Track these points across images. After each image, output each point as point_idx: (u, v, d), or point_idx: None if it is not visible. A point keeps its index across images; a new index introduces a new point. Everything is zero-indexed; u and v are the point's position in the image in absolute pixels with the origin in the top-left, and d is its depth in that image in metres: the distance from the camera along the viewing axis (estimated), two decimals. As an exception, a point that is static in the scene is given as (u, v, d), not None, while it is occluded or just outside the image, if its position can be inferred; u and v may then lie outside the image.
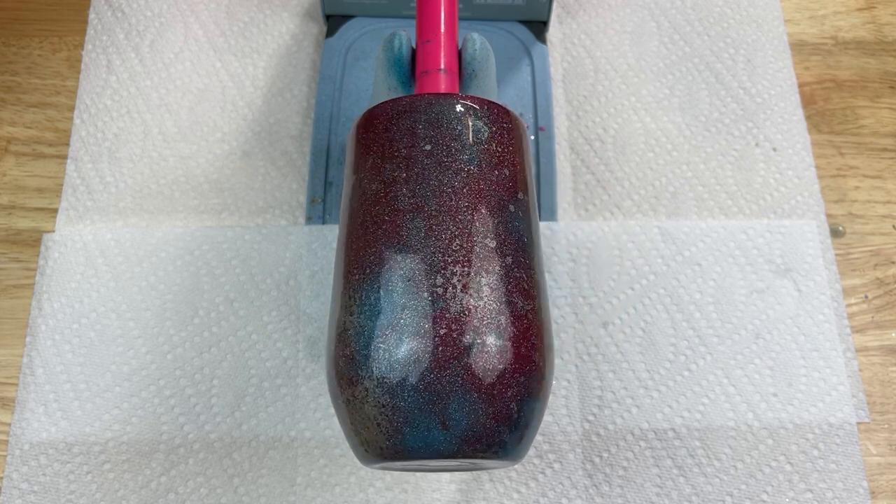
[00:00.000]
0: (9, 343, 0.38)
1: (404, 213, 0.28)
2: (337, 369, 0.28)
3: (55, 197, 0.41)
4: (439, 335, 0.26)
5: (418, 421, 0.26)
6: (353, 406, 0.27)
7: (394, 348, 0.27)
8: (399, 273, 0.27)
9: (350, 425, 0.28)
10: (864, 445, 0.36)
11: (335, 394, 0.28)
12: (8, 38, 0.45)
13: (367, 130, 0.31)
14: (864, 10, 0.47)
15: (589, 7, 0.46)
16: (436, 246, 0.27)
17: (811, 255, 0.40)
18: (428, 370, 0.26)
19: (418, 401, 0.26)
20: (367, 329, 0.27)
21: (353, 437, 0.28)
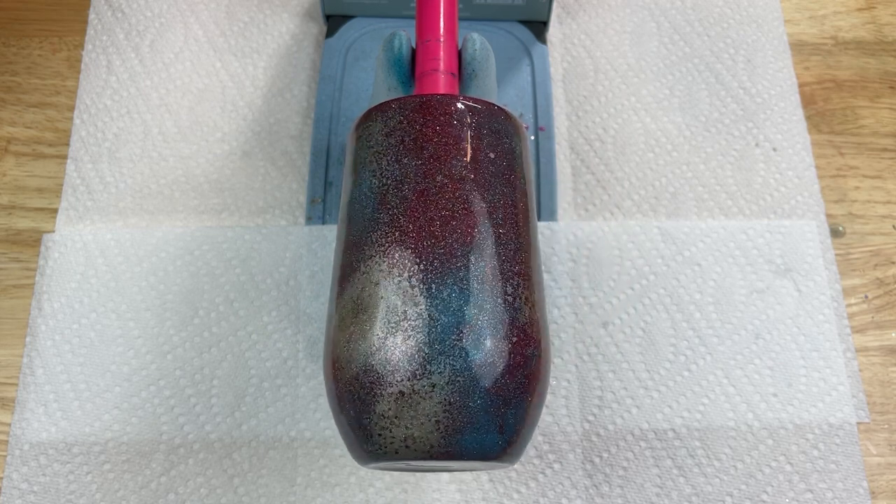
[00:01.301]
0: (9, 343, 0.38)
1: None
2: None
3: (55, 197, 0.41)
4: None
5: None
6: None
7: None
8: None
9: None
10: (864, 446, 0.36)
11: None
12: (8, 38, 0.45)
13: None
14: (864, 11, 0.47)
15: (589, 7, 0.46)
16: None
17: (811, 255, 0.40)
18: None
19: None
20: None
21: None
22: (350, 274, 0.29)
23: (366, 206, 0.29)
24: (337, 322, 0.29)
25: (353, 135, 0.32)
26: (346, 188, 0.31)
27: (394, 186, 0.29)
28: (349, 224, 0.30)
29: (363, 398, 0.27)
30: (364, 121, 0.31)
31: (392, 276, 0.28)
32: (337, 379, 0.28)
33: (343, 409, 0.28)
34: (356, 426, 0.27)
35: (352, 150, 0.31)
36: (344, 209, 0.31)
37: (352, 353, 0.27)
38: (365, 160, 0.30)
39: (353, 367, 0.27)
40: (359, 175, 0.30)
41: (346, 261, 0.29)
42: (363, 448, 0.28)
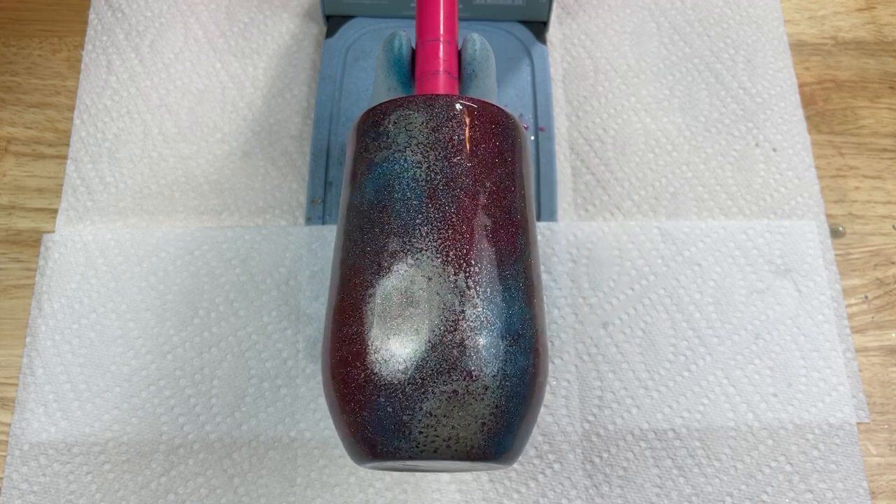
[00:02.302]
0: (9, 343, 0.38)
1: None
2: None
3: (55, 197, 0.41)
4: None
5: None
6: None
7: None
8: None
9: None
10: (864, 446, 0.36)
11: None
12: (8, 38, 0.45)
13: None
14: (864, 11, 0.47)
15: (589, 7, 0.46)
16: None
17: (811, 255, 0.40)
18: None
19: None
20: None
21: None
22: (392, 264, 0.28)
23: (410, 197, 0.29)
24: (372, 311, 0.27)
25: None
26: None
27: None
28: (386, 211, 0.29)
29: (409, 394, 0.26)
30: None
31: (447, 273, 0.27)
32: (367, 370, 0.27)
33: (369, 402, 0.27)
34: (387, 422, 0.26)
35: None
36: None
37: (400, 346, 0.27)
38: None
39: (399, 361, 0.26)
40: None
41: (386, 249, 0.28)
42: (392, 445, 0.26)
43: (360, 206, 0.29)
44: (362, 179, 0.30)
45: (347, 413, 0.27)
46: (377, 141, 0.30)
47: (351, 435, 0.28)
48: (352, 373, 0.27)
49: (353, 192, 0.30)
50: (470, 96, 0.31)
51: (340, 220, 0.31)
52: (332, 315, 0.29)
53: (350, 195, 0.30)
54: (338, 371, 0.28)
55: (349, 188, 0.31)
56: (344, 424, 0.28)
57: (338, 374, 0.28)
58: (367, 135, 0.31)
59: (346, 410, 0.27)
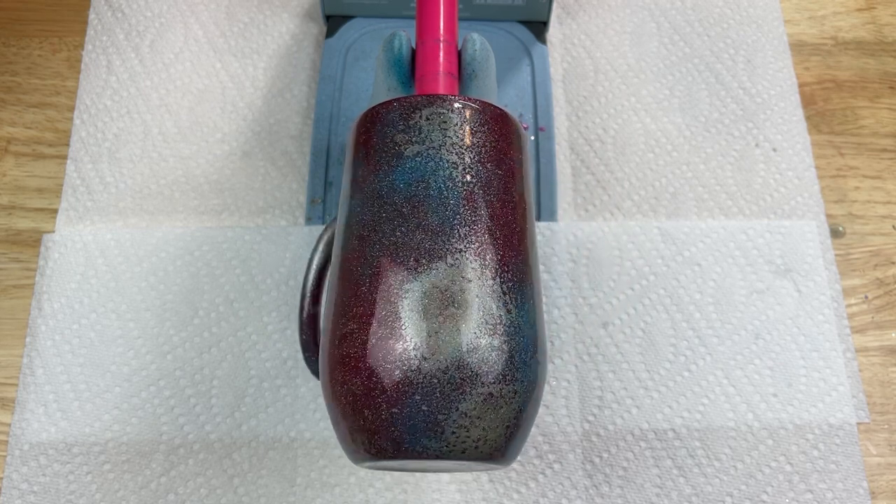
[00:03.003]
0: (9, 343, 0.38)
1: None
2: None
3: (55, 197, 0.41)
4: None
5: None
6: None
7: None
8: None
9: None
10: (864, 446, 0.36)
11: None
12: (8, 38, 0.45)
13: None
14: (864, 11, 0.47)
15: (589, 7, 0.46)
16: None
17: (811, 255, 0.40)
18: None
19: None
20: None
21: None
22: (431, 262, 0.28)
23: (447, 196, 0.28)
24: (411, 307, 0.27)
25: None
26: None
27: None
28: (421, 207, 0.28)
29: (447, 393, 0.26)
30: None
31: (485, 277, 0.28)
32: (404, 367, 0.26)
33: (402, 400, 0.26)
34: (419, 420, 0.26)
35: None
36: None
37: (440, 345, 0.26)
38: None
39: (440, 360, 0.26)
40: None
41: (423, 245, 0.28)
42: (420, 444, 0.26)
43: (389, 197, 0.29)
44: (389, 169, 0.29)
45: (371, 409, 0.27)
46: (407, 134, 0.29)
47: (369, 432, 0.27)
48: (386, 368, 0.26)
49: (376, 180, 0.29)
50: (490, 101, 0.31)
51: (359, 206, 0.30)
52: (358, 305, 0.28)
53: (374, 182, 0.29)
54: (365, 365, 0.27)
55: (372, 174, 0.29)
56: (362, 420, 0.27)
57: (365, 368, 0.27)
58: (393, 125, 0.30)
59: (371, 406, 0.27)
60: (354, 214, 0.29)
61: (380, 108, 0.30)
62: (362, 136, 0.31)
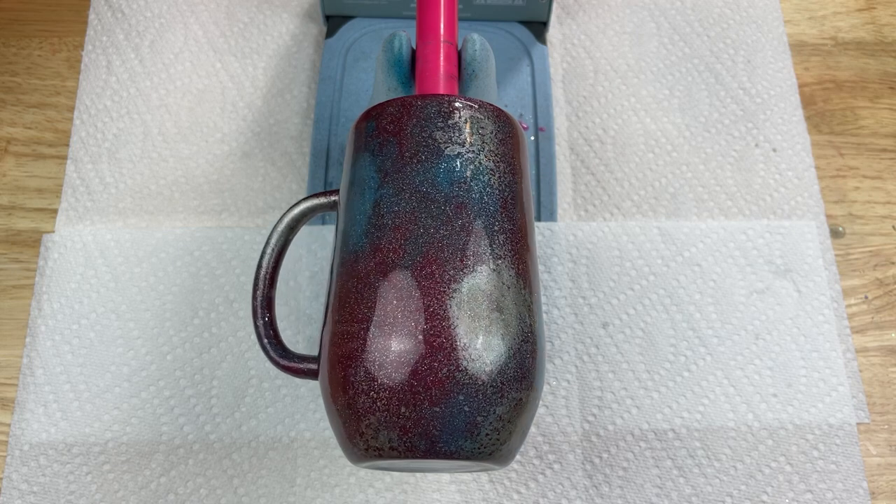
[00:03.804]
0: (8, 344, 0.38)
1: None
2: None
3: (55, 197, 0.41)
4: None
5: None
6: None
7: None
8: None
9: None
10: (864, 446, 0.36)
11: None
12: (8, 38, 0.45)
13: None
14: (864, 11, 0.47)
15: (589, 8, 0.46)
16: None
17: (811, 255, 0.40)
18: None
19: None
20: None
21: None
22: (476, 265, 0.28)
23: (487, 202, 0.29)
24: (459, 307, 0.27)
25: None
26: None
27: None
28: (465, 210, 0.28)
29: (489, 396, 0.27)
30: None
31: (519, 286, 0.29)
32: (452, 366, 0.26)
33: (445, 399, 0.26)
34: (458, 421, 0.26)
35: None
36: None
37: (486, 348, 0.27)
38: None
39: (486, 363, 0.27)
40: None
41: (468, 247, 0.28)
42: (455, 444, 0.26)
43: (431, 194, 0.28)
44: (430, 165, 0.29)
45: (411, 406, 0.26)
46: (447, 132, 0.29)
47: (401, 429, 0.26)
48: (435, 366, 0.26)
49: (414, 174, 0.29)
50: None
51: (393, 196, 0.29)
52: (400, 298, 0.27)
53: (411, 175, 0.29)
54: (409, 360, 0.26)
55: (408, 166, 0.29)
56: (397, 417, 0.26)
57: (408, 363, 0.26)
58: (431, 121, 0.29)
59: (411, 403, 0.26)
60: (387, 204, 0.28)
61: (413, 101, 0.30)
62: (390, 126, 0.30)
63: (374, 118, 0.30)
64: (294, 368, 0.30)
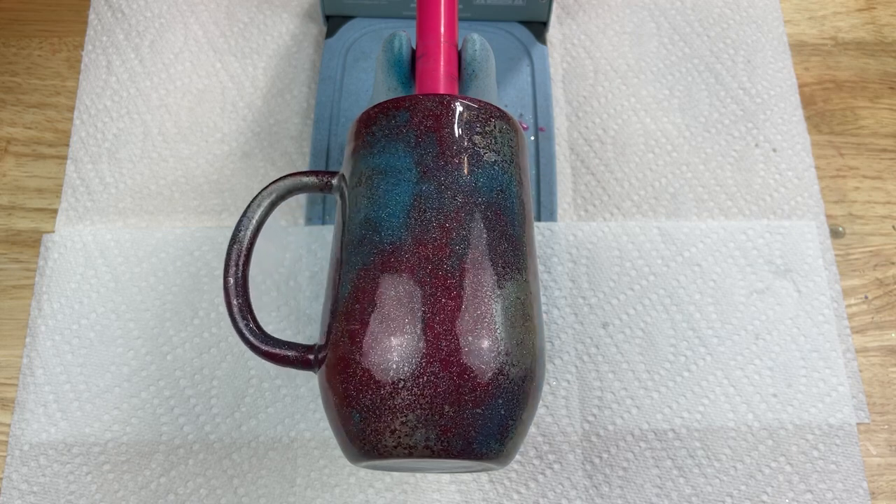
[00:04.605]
0: (8, 344, 0.38)
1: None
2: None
3: (55, 197, 0.41)
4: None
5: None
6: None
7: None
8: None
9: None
10: (864, 446, 0.36)
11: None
12: (8, 38, 0.45)
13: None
14: (864, 11, 0.47)
15: (589, 8, 0.46)
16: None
17: (811, 255, 0.40)
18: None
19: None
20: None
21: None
22: (513, 272, 0.28)
23: (512, 206, 0.29)
24: (501, 311, 0.27)
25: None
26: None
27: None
28: (498, 216, 0.28)
29: (520, 401, 0.28)
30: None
31: (538, 292, 0.30)
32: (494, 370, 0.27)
33: (487, 400, 0.26)
34: (494, 423, 0.27)
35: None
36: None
37: (523, 353, 0.28)
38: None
39: (522, 368, 0.28)
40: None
41: (506, 254, 0.28)
42: (488, 446, 0.27)
43: (472, 197, 0.28)
44: (471, 169, 0.29)
45: (455, 406, 0.26)
46: (485, 139, 0.30)
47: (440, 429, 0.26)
48: (482, 369, 0.26)
49: (458, 174, 0.28)
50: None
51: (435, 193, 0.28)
52: (446, 296, 0.27)
53: (454, 175, 0.28)
54: (455, 361, 0.26)
55: (450, 165, 0.29)
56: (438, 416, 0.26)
57: (454, 364, 0.26)
58: (471, 125, 0.29)
59: (455, 403, 0.26)
60: (429, 200, 0.28)
61: (452, 101, 0.30)
62: (429, 121, 0.29)
63: (409, 109, 0.30)
64: (279, 356, 0.29)
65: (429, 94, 0.30)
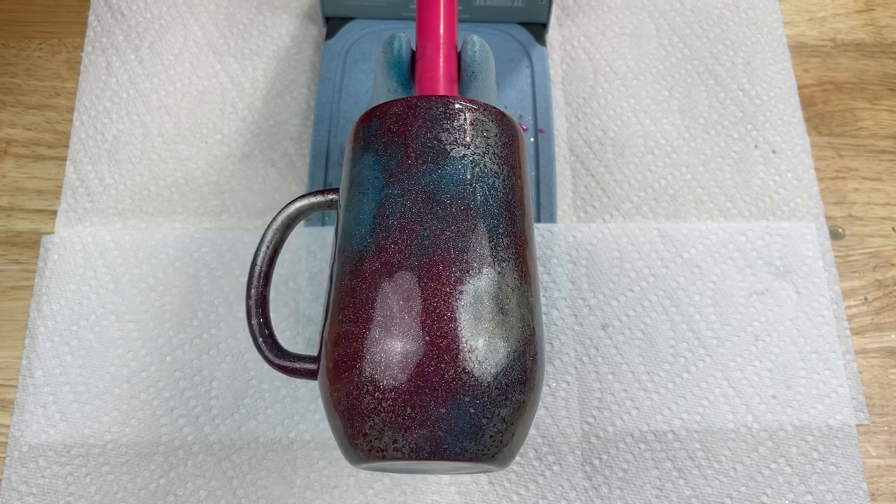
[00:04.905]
0: (8, 345, 0.38)
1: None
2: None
3: (54, 199, 0.41)
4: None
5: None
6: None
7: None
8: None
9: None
10: (864, 447, 0.36)
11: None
12: (7, 39, 0.45)
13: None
14: (864, 13, 0.47)
15: (588, 9, 0.46)
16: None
17: (810, 257, 0.40)
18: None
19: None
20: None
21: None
22: (482, 267, 0.28)
23: (492, 204, 0.29)
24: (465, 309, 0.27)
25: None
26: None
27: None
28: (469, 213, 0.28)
29: (493, 398, 0.27)
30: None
31: (522, 288, 0.29)
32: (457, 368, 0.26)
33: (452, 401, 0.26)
34: (463, 423, 0.26)
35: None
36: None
37: (491, 350, 0.27)
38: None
39: (491, 365, 0.27)
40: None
41: (473, 250, 0.28)
42: (460, 446, 0.26)
43: (437, 195, 0.28)
44: (435, 167, 0.29)
45: (417, 407, 0.26)
46: (452, 134, 0.29)
47: (404, 430, 0.26)
48: (441, 367, 0.26)
49: (420, 174, 0.29)
50: (490, 103, 0.31)
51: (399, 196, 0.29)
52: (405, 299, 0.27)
53: (417, 175, 0.29)
54: (413, 361, 0.26)
55: (413, 167, 0.29)
56: (401, 418, 0.26)
57: (412, 364, 0.26)
58: (437, 122, 0.29)
59: (416, 404, 0.26)
60: (392, 204, 0.28)
61: (418, 102, 0.30)
62: (395, 126, 0.30)
63: (378, 118, 0.30)
64: (290, 368, 0.30)
65: (398, 100, 0.30)
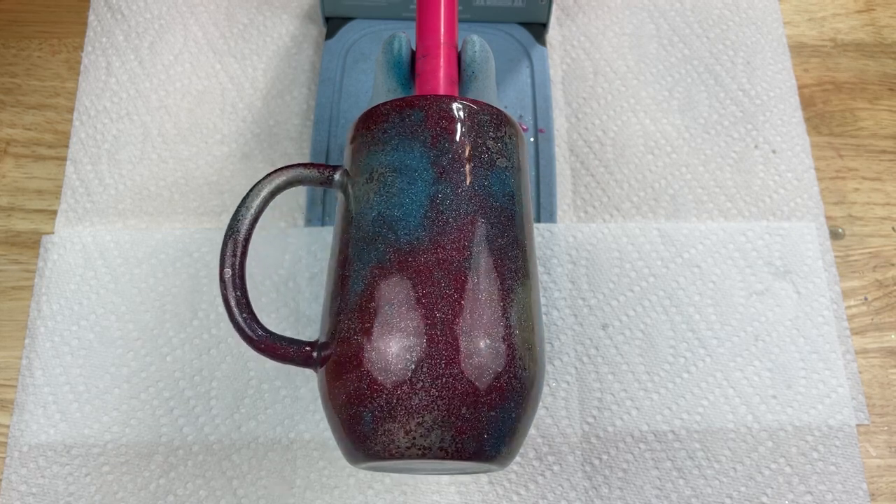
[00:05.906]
0: (8, 345, 0.38)
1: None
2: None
3: (54, 199, 0.41)
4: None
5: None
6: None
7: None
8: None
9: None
10: (864, 447, 0.36)
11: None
12: (7, 39, 0.45)
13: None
14: (864, 13, 0.47)
15: (588, 9, 0.46)
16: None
17: (810, 257, 0.40)
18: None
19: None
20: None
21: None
22: (523, 277, 0.29)
23: (522, 217, 0.30)
24: (515, 316, 0.28)
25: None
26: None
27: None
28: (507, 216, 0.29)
29: (519, 402, 0.28)
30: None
31: (538, 296, 0.30)
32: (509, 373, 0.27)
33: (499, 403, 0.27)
34: (502, 425, 0.27)
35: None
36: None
37: (530, 357, 0.28)
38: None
39: (531, 372, 0.28)
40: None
41: (517, 258, 0.29)
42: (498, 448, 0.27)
43: (486, 200, 0.29)
44: (484, 172, 0.29)
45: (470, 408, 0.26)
46: (497, 143, 0.30)
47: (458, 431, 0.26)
48: (499, 372, 0.27)
49: (472, 177, 0.29)
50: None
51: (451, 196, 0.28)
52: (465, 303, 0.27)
53: (468, 177, 0.29)
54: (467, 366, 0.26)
55: (464, 168, 0.29)
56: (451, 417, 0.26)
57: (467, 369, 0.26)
58: (485, 129, 0.30)
59: (470, 405, 0.26)
60: (446, 202, 0.28)
61: (468, 105, 0.30)
62: (445, 122, 0.29)
63: (423, 109, 0.30)
64: (277, 351, 0.28)
65: (445, 96, 0.30)
